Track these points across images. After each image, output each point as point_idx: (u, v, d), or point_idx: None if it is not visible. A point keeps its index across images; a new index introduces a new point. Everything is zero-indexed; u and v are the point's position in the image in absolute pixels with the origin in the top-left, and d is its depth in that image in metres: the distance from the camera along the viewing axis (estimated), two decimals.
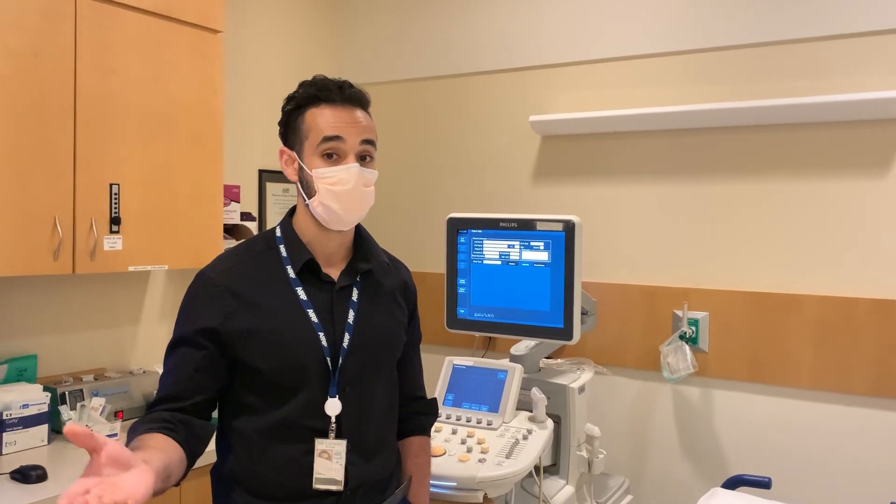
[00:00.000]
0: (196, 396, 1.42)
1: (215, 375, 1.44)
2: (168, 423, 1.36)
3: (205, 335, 1.42)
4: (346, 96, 1.47)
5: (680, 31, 2.71)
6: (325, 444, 1.45)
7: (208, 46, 2.51)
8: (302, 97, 1.49)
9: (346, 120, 1.46)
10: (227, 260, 1.52)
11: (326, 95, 1.47)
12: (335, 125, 1.45)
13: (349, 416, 1.48)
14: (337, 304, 1.51)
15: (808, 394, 2.53)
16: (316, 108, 1.47)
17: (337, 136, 1.44)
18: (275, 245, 1.52)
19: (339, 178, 1.44)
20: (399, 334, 1.63)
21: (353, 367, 1.49)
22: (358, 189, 1.45)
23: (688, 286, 2.71)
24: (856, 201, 2.46)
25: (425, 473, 1.73)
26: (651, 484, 2.80)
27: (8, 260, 2.02)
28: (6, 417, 2.12)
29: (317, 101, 1.47)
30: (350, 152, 1.45)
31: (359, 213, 1.49)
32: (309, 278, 1.50)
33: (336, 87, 1.47)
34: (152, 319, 2.75)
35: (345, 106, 1.47)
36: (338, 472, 1.45)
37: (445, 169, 3.24)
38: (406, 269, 1.72)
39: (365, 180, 1.47)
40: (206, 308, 1.44)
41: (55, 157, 2.11)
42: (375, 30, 3.41)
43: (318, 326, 1.47)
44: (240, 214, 2.92)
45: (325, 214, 1.46)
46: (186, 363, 1.43)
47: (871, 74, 2.41)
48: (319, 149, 1.45)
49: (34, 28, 2.06)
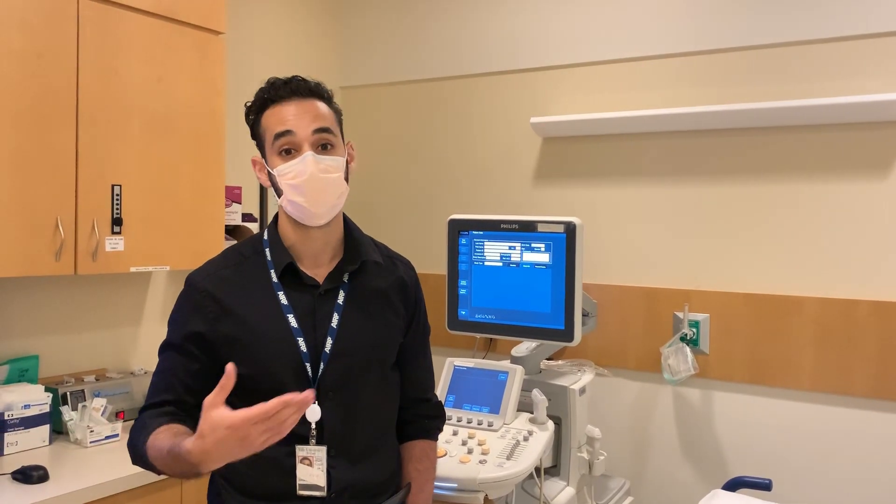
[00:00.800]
0: (187, 399, 1.44)
1: (204, 379, 1.44)
2: (178, 416, 1.40)
3: (192, 340, 1.45)
4: (293, 89, 1.45)
5: (682, 34, 2.72)
6: (306, 450, 1.44)
7: (210, 48, 2.51)
8: (256, 103, 1.48)
9: (294, 113, 1.43)
10: (212, 264, 1.53)
11: (274, 94, 1.45)
12: (284, 119, 1.43)
13: (332, 422, 1.46)
14: (319, 308, 1.48)
15: (808, 396, 2.53)
16: (269, 110, 1.46)
17: (286, 130, 1.42)
18: (261, 249, 1.52)
19: (295, 170, 1.42)
20: (391, 337, 1.58)
21: (336, 372, 1.47)
22: (315, 177, 1.41)
23: (688, 288, 2.72)
24: (856, 203, 2.46)
25: (427, 479, 1.66)
26: (651, 485, 2.81)
27: (10, 260, 2.02)
28: (8, 418, 2.12)
29: (268, 102, 1.46)
30: (303, 143, 1.42)
31: (327, 202, 1.44)
32: (292, 282, 1.48)
33: (282, 83, 1.46)
34: (153, 320, 2.76)
35: (292, 100, 1.44)
36: (319, 479, 1.44)
37: (447, 170, 3.25)
38: (406, 267, 1.66)
39: (323, 167, 1.42)
40: (192, 314, 1.46)
41: (57, 158, 2.11)
42: (377, 31, 3.42)
43: (298, 331, 1.45)
44: (241, 216, 2.92)
45: (295, 211, 1.44)
46: (176, 367, 1.45)
47: (873, 77, 2.42)
48: (275, 147, 1.44)
49: (37, 29, 2.06)
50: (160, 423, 1.37)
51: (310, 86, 1.47)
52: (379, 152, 3.42)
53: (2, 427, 2.12)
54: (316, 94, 1.48)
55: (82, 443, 2.23)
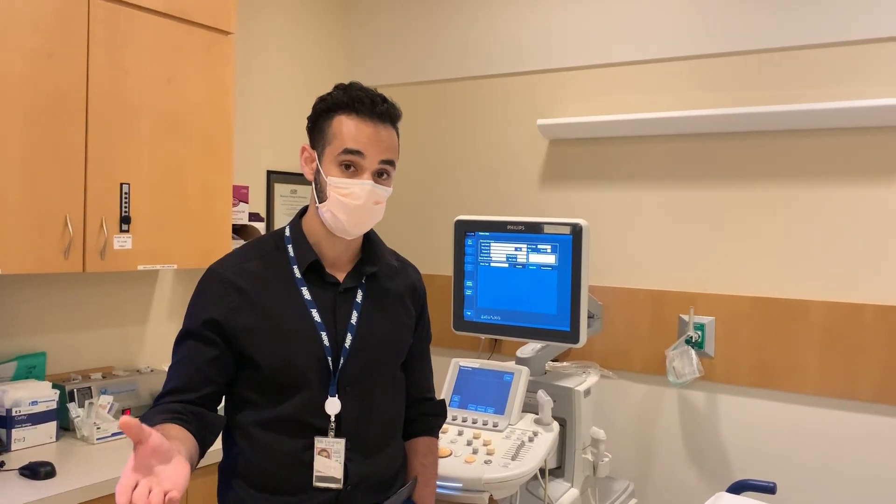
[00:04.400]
0: (204, 389, 1.44)
1: (223, 368, 1.46)
2: (180, 415, 1.38)
3: (211, 328, 1.45)
4: (377, 112, 1.46)
5: (688, 36, 2.72)
6: (325, 442, 1.46)
7: (220, 48, 2.52)
8: (333, 101, 1.47)
9: (370, 136, 1.44)
10: (235, 256, 1.54)
11: (358, 106, 1.45)
12: (358, 139, 1.44)
13: (349, 416, 1.49)
14: (340, 305, 1.52)
15: (813, 399, 2.53)
16: (344, 116, 1.46)
17: (358, 150, 1.44)
18: (283, 245, 1.54)
19: (351, 191, 1.44)
20: (403, 337, 1.63)
21: (355, 367, 1.50)
22: (367, 205, 1.45)
23: (694, 291, 2.72)
24: (862, 208, 2.46)
25: (431, 475, 1.72)
26: (656, 488, 2.80)
27: (19, 258, 2.04)
28: (15, 414, 2.14)
29: (347, 108, 1.46)
30: (368, 168, 1.45)
31: (365, 226, 1.49)
32: (314, 279, 1.51)
33: (369, 99, 1.46)
34: (160, 318, 2.77)
35: (373, 121, 1.45)
36: (337, 471, 1.46)
37: (454, 172, 3.25)
38: (416, 271, 1.72)
39: (376, 197, 1.47)
40: (212, 302, 1.46)
41: (67, 157, 2.13)
42: (385, 33, 3.43)
43: (321, 326, 1.48)
44: (248, 215, 2.94)
45: (331, 221, 1.47)
46: (194, 355, 1.45)
47: (880, 81, 2.42)
48: (339, 158, 1.45)
49: (48, 29, 2.08)
50: (161, 421, 1.36)
51: (395, 112, 1.50)
52: None
53: (9, 423, 2.13)
54: (397, 119, 1.51)
55: (89, 440, 2.24)
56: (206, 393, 1.44)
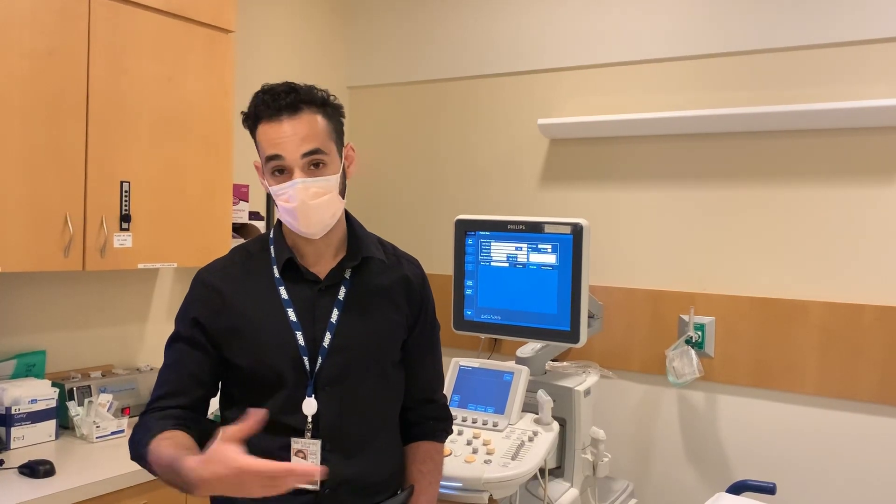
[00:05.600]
0: (195, 392, 1.47)
1: (211, 371, 1.48)
2: (182, 421, 1.41)
3: (197, 331, 1.47)
4: (282, 106, 1.40)
5: (689, 36, 2.72)
6: (301, 443, 1.45)
7: (220, 46, 2.52)
8: (249, 114, 1.46)
9: (282, 135, 1.40)
10: (220, 261, 1.56)
11: (264, 110, 1.41)
12: (274, 142, 1.40)
13: (328, 416, 1.47)
14: (319, 303, 1.50)
15: (813, 400, 2.53)
16: (262, 125, 1.43)
17: (276, 154, 1.40)
18: (267, 246, 1.55)
19: (286, 194, 1.42)
20: (393, 334, 1.57)
21: (334, 366, 1.47)
22: (307, 203, 1.41)
23: (694, 291, 2.72)
24: (862, 208, 2.46)
25: (430, 482, 1.63)
26: (655, 488, 2.81)
27: (19, 256, 2.03)
28: (15, 412, 2.13)
29: (259, 117, 1.43)
30: (294, 166, 1.41)
31: (319, 223, 1.44)
32: (294, 277, 1.50)
33: (271, 98, 1.41)
34: (160, 317, 2.76)
35: (280, 118, 1.40)
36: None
37: (454, 171, 3.25)
38: (413, 265, 1.65)
39: (313, 192, 1.41)
40: (197, 306, 1.49)
41: (67, 155, 2.13)
42: (385, 32, 3.42)
43: (297, 325, 1.47)
44: (248, 213, 2.93)
45: (290, 226, 1.47)
46: (184, 359, 1.48)
47: (880, 82, 2.42)
48: (267, 167, 1.43)
49: (49, 27, 2.07)
50: (164, 427, 1.37)
51: (301, 97, 1.42)
52: (385, 152, 3.42)
53: (9, 421, 2.13)
54: (308, 103, 1.43)
55: (88, 438, 2.24)
56: (198, 396, 1.47)
